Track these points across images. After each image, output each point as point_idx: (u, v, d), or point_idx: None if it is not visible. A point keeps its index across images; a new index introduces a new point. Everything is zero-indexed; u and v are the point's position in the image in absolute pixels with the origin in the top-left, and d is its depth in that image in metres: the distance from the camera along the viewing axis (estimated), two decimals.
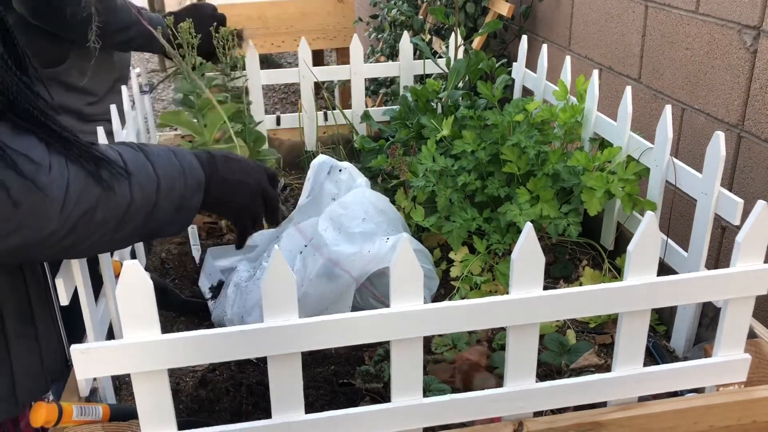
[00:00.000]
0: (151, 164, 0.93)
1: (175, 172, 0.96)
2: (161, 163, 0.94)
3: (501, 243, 1.38)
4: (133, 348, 0.79)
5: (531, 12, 2.55)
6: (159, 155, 0.95)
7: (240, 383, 1.13)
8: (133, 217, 0.90)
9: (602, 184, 1.28)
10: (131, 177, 0.89)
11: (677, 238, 1.29)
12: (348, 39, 2.09)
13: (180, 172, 0.97)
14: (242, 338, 0.81)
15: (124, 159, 0.90)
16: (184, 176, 0.97)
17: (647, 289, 0.89)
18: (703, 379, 0.97)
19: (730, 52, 1.56)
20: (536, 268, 0.86)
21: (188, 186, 0.98)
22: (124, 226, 0.90)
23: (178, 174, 0.96)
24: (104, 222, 0.87)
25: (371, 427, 0.89)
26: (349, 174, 1.45)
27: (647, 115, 1.91)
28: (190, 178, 0.98)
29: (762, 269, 0.91)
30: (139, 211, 0.90)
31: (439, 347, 1.18)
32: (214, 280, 1.41)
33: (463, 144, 1.45)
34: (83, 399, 1.02)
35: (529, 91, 1.74)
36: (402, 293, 0.84)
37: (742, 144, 1.56)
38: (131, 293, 0.77)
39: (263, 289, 0.80)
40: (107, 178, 0.86)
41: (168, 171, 0.95)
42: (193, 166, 1.00)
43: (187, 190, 0.98)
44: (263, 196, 1.15)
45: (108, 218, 0.87)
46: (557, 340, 1.17)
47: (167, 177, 0.94)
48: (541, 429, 0.91)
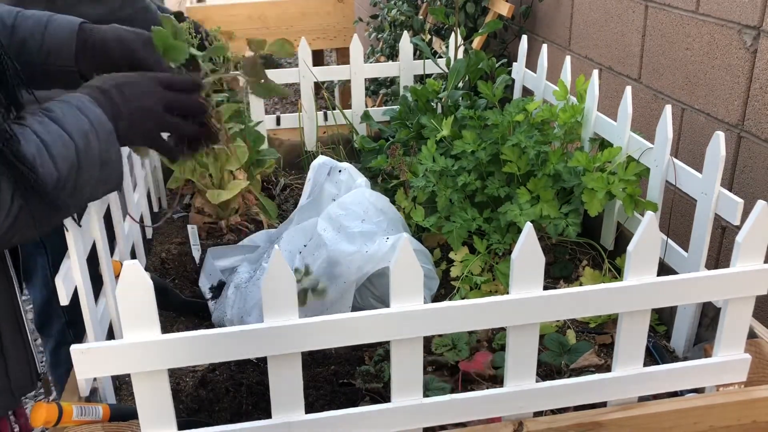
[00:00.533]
0: (63, 128, 0.87)
1: (86, 128, 0.90)
2: (71, 123, 0.89)
3: (501, 243, 1.38)
4: (133, 348, 0.79)
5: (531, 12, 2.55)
6: (66, 115, 0.89)
7: (240, 383, 1.13)
8: (62, 189, 0.86)
9: (603, 185, 1.28)
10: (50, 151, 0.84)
11: (677, 238, 1.29)
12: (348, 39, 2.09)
13: (90, 127, 0.91)
14: (242, 338, 0.81)
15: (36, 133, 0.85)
16: (95, 131, 0.91)
17: (647, 289, 0.89)
18: (703, 379, 0.97)
19: (730, 52, 1.56)
20: (536, 268, 0.86)
21: (101, 140, 0.92)
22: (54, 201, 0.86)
23: (90, 129, 0.90)
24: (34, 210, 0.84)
25: (371, 427, 0.89)
26: (349, 174, 1.45)
27: (647, 115, 1.91)
28: (101, 131, 0.92)
29: (762, 269, 0.91)
30: (67, 181, 0.86)
31: (439, 347, 1.18)
32: (214, 280, 1.41)
33: (463, 144, 1.45)
34: (83, 399, 1.02)
35: (529, 91, 1.74)
36: (402, 293, 0.84)
37: (742, 144, 1.56)
38: (131, 293, 0.77)
39: (263, 289, 0.80)
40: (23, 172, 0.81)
41: (80, 129, 0.89)
42: (99, 117, 0.93)
43: (101, 143, 0.92)
44: (173, 107, 1.02)
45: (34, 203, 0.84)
46: (557, 340, 1.17)
47: (81, 136, 0.89)
48: (541, 429, 0.91)
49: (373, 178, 1.74)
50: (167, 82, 1.03)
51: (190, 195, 1.71)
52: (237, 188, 1.58)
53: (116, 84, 0.98)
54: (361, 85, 1.95)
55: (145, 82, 1.02)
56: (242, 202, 1.66)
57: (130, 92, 0.99)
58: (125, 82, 1.00)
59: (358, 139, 1.89)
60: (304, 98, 1.93)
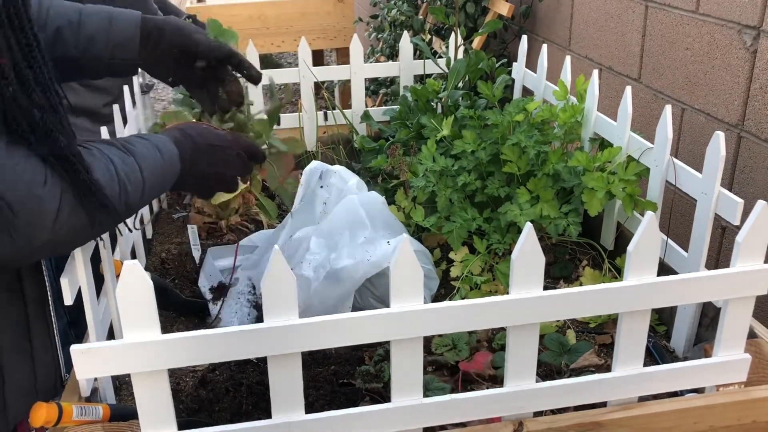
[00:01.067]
0: (140, 168, 0.94)
1: (158, 170, 0.98)
2: (148, 164, 0.96)
3: (501, 243, 1.38)
4: (133, 348, 0.79)
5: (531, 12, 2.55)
6: (145, 156, 0.96)
7: (240, 383, 1.13)
8: (117, 220, 0.95)
9: (603, 185, 1.28)
10: (124, 189, 0.92)
11: (677, 238, 1.29)
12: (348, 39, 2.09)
13: (162, 168, 0.99)
14: (242, 338, 0.81)
15: (116, 167, 0.91)
16: (164, 173, 1.00)
17: (647, 289, 0.89)
18: (703, 379, 0.97)
19: (730, 52, 1.56)
20: (536, 268, 0.86)
21: (167, 182, 1.01)
22: (106, 228, 0.95)
23: (161, 171, 0.99)
24: (94, 234, 0.91)
25: (371, 427, 0.89)
26: (340, 177, 1.45)
27: (647, 115, 1.91)
28: (170, 174, 1.01)
29: (762, 269, 0.91)
30: (123, 215, 0.94)
31: (439, 347, 1.18)
32: (214, 281, 1.41)
33: (463, 144, 1.45)
34: (83, 399, 1.02)
35: (529, 91, 1.74)
36: (402, 293, 0.83)
37: (742, 144, 1.56)
38: (131, 293, 0.77)
39: (263, 289, 0.80)
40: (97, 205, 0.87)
41: (153, 172, 0.97)
42: (174, 162, 1.02)
43: (165, 185, 1.02)
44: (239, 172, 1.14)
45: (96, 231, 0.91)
46: (557, 340, 1.17)
47: (152, 178, 0.96)
48: (541, 429, 0.91)
49: (373, 178, 1.74)
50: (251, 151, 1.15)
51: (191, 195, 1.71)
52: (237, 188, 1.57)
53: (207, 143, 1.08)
54: (361, 85, 1.95)
55: (234, 149, 1.11)
56: (242, 202, 1.66)
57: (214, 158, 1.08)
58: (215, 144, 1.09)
59: (358, 139, 1.89)
60: (304, 98, 1.93)
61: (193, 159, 1.04)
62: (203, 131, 1.09)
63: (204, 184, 1.11)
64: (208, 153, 1.07)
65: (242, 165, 1.13)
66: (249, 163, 1.15)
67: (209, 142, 1.08)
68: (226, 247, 1.52)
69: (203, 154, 1.06)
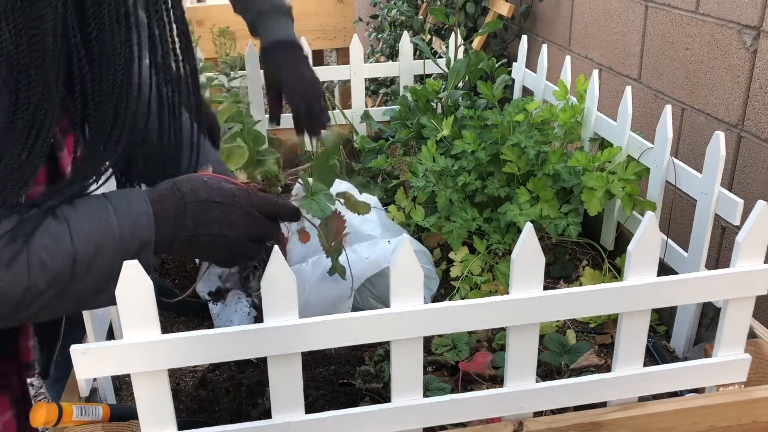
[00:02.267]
0: (70, 234, 0.77)
1: (106, 238, 0.79)
2: (84, 228, 0.78)
3: (501, 243, 1.38)
4: (133, 348, 0.79)
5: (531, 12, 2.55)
6: (85, 219, 0.79)
7: (240, 383, 1.13)
8: (34, 300, 0.77)
9: (602, 185, 1.28)
10: (29, 256, 0.75)
11: (677, 238, 1.29)
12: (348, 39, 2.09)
13: (115, 235, 0.80)
14: (242, 338, 0.81)
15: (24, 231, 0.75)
16: (120, 239, 0.80)
17: (647, 289, 0.89)
18: (703, 379, 0.97)
19: (730, 52, 1.56)
20: (536, 268, 0.86)
21: (126, 249, 0.80)
22: (22, 311, 0.77)
23: (111, 239, 0.79)
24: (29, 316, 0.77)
25: (371, 427, 0.89)
26: None
27: (647, 115, 1.91)
28: (128, 239, 0.80)
29: (762, 269, 0.91)
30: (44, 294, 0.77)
31: (439, 347, 1.18)
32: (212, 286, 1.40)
33: (463, 144, 1.45)
34: (83, 399, 1.02)
35: (529, 91, 1.74)
36: (402, 293, 0.83)
37: (742, 144, 1.56)
38: (131, 293, 0.77)
39: (263, 289, 0.80)
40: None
41: (93, 238, 0.78)
42: (139, 224, 0.81)
43: (124, 254, 0.80)
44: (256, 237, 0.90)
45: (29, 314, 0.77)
46: (557, 340, 1.16)
47: (89, 246, 0.78)
48: (541, 429, 0.91)
49: (373, 178, 1.74)
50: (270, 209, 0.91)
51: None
52: None
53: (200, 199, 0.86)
54: (361, 85, 1.95)
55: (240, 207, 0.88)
56: None
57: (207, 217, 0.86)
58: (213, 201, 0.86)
59: (358, 139, 1.89)
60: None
61: (178, 219, 0.84)
62: (202, 186, 0.87)
63: (206, 250, 0.88)
64: (199, 212, 0.85)
65: (257, 226, 0.89)
66: (271, 224, 0.92)
67: (205, 198, 0.86)
68: None
69: (192, 213, 0.85)
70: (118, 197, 0.83)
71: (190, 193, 0.86)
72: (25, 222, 0.75)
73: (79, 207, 0.80)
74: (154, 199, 0.84)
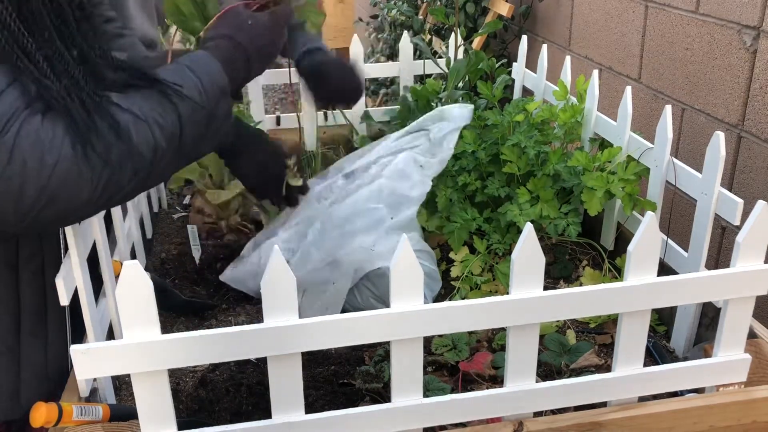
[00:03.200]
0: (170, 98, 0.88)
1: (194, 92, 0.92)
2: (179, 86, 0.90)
3: (501, 243, 1.38)
4: (133, 348, 0.79)
5: (531, 12, 2.55)
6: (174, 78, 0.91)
7: (240, 383, 1.13)
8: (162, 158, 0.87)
9: (602, 184, 1.28)
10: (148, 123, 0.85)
11: (677, 238, 1.29)
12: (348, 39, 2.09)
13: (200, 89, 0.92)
14: (242, 338, 0.81)
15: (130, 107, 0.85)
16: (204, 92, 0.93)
17: (647, 289, 0.89)
18: (703, 379, 0.97)
19: (730, 52, 1.56)
20: (536, 268, 0.86)
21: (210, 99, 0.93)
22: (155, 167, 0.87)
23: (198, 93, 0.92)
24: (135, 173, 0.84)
25: (371, 427, 0.89)
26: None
27: (647, 115, 1.91)
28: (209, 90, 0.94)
29: (762, 269, 0.91)
30: (166, 152, 0.87)
31: (439, 347, 1.18)
32: None
33: (463, 144, 1.45)
34: (83, 399, 1.02)
35: (529, 91, 1.74)
36: (402, 293, 0.83)
37: (742, 144, 1.56)
38: (131, 293, 0.77)
39: (263, 289, 0.80)
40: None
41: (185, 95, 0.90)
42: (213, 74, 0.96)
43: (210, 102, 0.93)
44: None
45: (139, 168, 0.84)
46: (557, 340, 1.16)
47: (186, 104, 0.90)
48: (541, 429, 0.91)
49: None
50: None
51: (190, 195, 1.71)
52: (237, 188, 1.58)
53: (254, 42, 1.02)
54: None
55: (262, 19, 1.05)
56: (242, 202, 1.66)
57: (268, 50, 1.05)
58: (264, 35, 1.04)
59: (358, 139, 1.89)
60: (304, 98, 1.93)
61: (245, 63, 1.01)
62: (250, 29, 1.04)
63: None
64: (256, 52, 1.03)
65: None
66: None
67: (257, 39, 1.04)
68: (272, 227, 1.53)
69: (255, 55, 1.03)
70: (189, 60, 0.95)
71: (248, 42, 1.02)
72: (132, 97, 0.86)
73: (163, 73, 0.91)
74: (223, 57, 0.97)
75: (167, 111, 0.87)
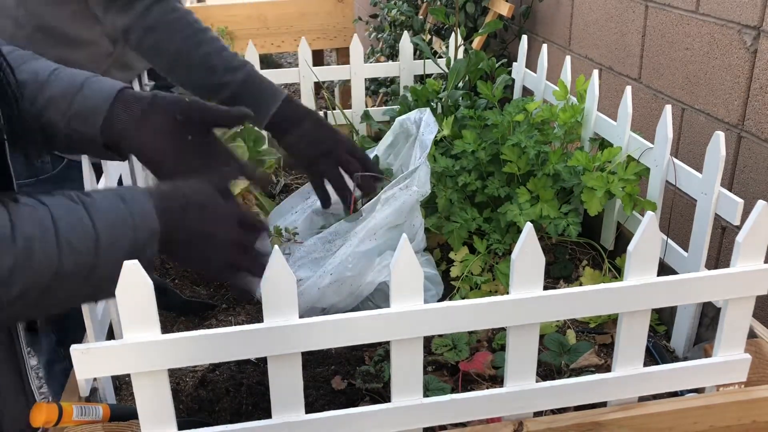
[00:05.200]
0: (90, 217, 0.79)
1: (120, 222, 0.81)
2: (103, 214, 0.80)
3: (501, 243, 1.38)
4: (133, 348, 0.79)
5: (531, 12, 2.55)
6: (101, 205, 0.81)
7: (240, 383, 1.13)
8: (62, 283, 0.77)
9: (602, 184, 1.28)
10: (58, 237, 0.76)
11: (677, 238, 1.29)
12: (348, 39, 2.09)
13: (128, 222, 0.82)
14: (242, 338, 0.81)
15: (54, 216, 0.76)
16: (134, 228, 0.82)
17: (647, 289, 0.89)
18: (703, 379, 0.97)
19: (730, 52, 1.56)
20: (536, 268, 0.86)
21: (138, 238, 0.82)
22: (51, 294, 0.77)
23: (124, 225, 0.81)
24: (22, 294, 0.74)
25: (371, 427, 0.89)
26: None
27: (647, 115, 1.91)
28: (141, 228, 0.83)
29: (762, 269, 0.91)
30: (71, 277, 0.78)
31: (439, 347, 1.18)
32: None
33: (464, 144, 1.45)
34: (83, 399, 1.02)
35: (529, 91, 1.74)
36: (402, 293, 0.84)
37: (742, 144, 1.56)
38: (131, 293, 0.77)
39: (263, 288, 0.80)
40: None
41: (112, 222, 0.80)
42: (146, 211, 0.84)
43: (136, 242, 0.82)
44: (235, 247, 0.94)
45: (26, 289, 0.74)
46: (557, 340, 1.16)
47: (109, 230, 0.80)
48: (541, 429, 0.91)
49: None
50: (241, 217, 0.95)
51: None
52: (237, 188, 1.58)
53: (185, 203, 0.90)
54: (361, 85, 1.95)
55: (221, 213, 0.92)
56: (242, 202, 1.66)
57: (197, 216, 0.90)
58: (197, 204, 0.90)
59: (358, 139, 1.89)
60: (304, 98, 1.93)
61: (182, 213, 0.88)
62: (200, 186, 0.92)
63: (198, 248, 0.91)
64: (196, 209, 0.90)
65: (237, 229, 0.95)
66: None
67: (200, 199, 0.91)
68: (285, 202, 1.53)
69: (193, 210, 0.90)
70: (123, 190, 0.85)
71: (192, 193, 0.90)
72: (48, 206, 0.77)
73: (92, 195, 0.82)
74: (159, 195, 0.87)
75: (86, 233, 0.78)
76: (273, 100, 1.40)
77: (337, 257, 1.26)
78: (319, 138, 1.36)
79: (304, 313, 0.88)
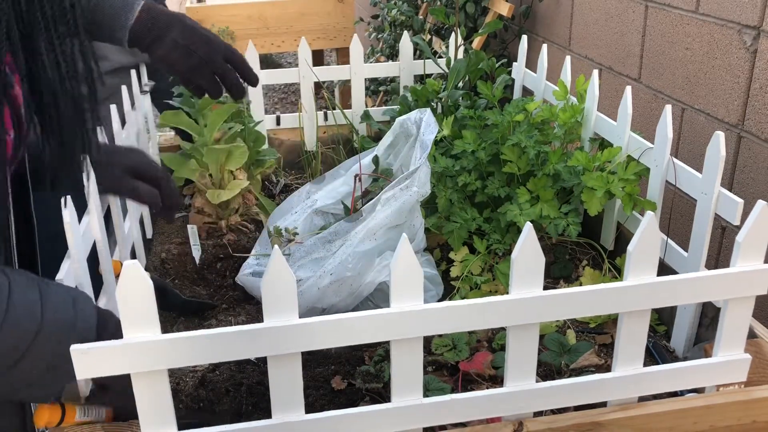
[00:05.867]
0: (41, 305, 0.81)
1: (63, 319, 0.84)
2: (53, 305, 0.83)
3: (501, 243, 1.38)
4: (133, 348, 0.79)
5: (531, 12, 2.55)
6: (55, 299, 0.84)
7: (240, 383, 1.13)
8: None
9: (602, 184, 1.28)
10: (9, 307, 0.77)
11: (677, 238, 1.29)
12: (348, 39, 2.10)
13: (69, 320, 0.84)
14: (242, 338, 0.81)
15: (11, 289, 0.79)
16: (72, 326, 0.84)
17: (647, 289, 0.89)
18: (703, 379, 0.98)
19: (730, 52, 1.56)
20: (536, 268, 0.86)
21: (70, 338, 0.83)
22: None
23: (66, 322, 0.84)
24: None
25: (371, 427, 0.89)
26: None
27: (647, 115, 1.91)
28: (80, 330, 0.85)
29: (762, 269, 0.91)
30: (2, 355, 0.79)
31: (439, 347, 1.18)
32: None
33: (464, 144, 1.45)
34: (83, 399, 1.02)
35: (529, 91, 1.74)
36: (402, 293, 0.84)
37: (742, 144, 1.56)
38: (131, 293, 0.77)
39: (263, 288, 0.80)
40: None
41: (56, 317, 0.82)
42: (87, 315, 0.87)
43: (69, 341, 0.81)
44: None
45: None
46: (557, 340, 1.17)
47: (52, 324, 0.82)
48: (541, 429, 0.91)
49: None
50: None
51: (190, 195, 1.71)
52: (237, 188, 1.58)
53: None
54: (361, 85, 1.95)
55: None
56: (242, 202, 1.66)
57: None
58: None
59: (358, 139, 1.89)
60: (304, 98, 1.93)
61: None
62: None
63: None
64: None
65: None
66: None
67: None
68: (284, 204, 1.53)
69: None
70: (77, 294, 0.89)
71: None
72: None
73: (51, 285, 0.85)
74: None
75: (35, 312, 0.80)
76: (129, 9, 1.26)
77: (337, 257, 1.26)
78: (190, 47, 1.26)
79: (304, 313, 0.88)
